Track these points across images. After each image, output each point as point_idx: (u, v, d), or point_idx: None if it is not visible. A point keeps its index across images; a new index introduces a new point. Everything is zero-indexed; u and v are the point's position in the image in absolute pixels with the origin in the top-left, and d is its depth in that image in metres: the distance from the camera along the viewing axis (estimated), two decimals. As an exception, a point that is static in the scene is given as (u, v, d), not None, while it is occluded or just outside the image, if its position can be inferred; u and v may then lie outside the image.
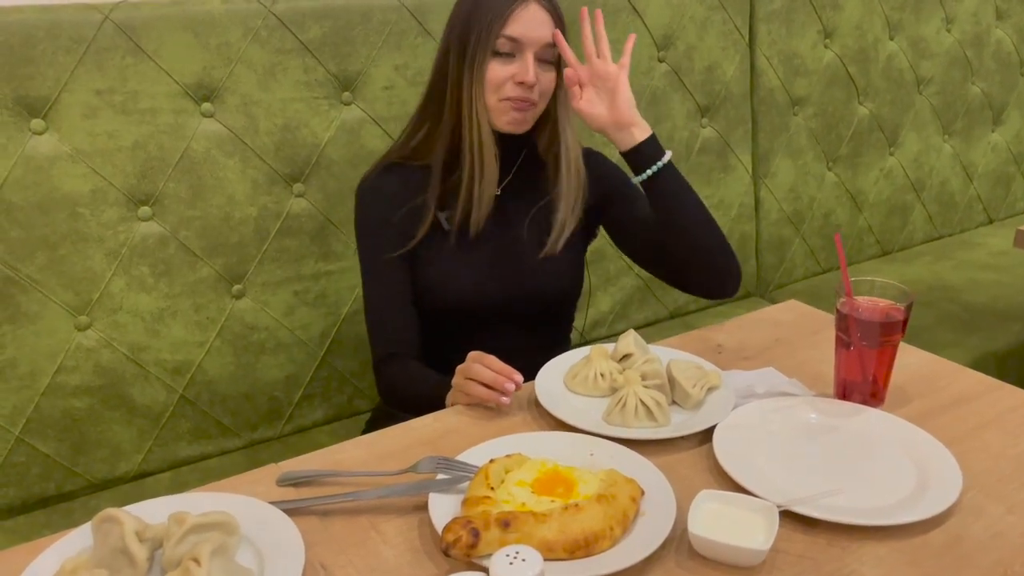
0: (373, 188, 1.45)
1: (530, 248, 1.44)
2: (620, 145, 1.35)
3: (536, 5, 1.33)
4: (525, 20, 1.32)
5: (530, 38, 1.33)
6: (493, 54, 1.33)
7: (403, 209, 1.42)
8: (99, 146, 1.47)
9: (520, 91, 1.34)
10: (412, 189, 1.42)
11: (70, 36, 1.42)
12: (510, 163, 1.45)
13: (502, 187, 1.45)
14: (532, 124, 1.41)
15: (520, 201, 1.46)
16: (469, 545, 0.84)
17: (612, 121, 1.32)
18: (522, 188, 1.46)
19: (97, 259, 1.49)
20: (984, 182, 2.86)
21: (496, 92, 1.35)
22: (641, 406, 1.11)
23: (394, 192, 1.43)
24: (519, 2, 1.32)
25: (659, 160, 1.33)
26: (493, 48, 1.33)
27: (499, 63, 1.34)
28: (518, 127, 1.38)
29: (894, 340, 1.12)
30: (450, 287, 1.42)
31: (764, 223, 2.35)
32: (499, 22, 1.31)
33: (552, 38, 1.34)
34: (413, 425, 1.15)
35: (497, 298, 1.43)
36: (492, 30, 1.32)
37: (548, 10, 1.35)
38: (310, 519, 0.95)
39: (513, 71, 1.33)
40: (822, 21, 2.31)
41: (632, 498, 0.93)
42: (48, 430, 1.50)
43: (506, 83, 1.34)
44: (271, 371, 1.70)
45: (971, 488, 0.98)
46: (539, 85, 1.35)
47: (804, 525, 0.93)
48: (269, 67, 1.59)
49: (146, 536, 0.85)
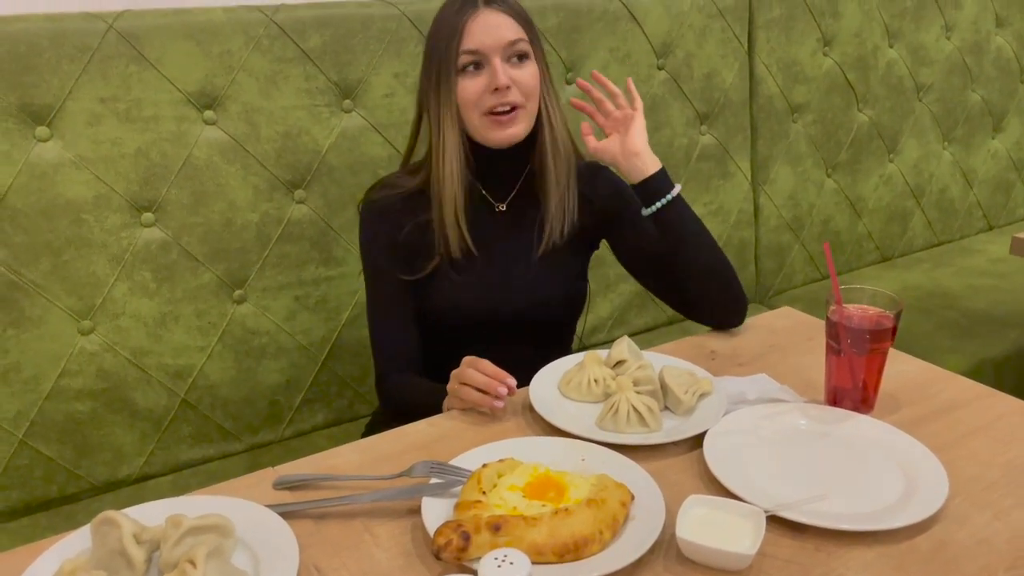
0: (376, 207, 1.42)
1: (535, 261, 1.43)
2: (630, 177, 1.37)
3: (488, 11, 1.31)
4: (480, 30, 1.29)
5: (490, 45, 1.30)
6: (459, 72, 1.31)
7: (407, 228, 1.40)
8: (103, 153, 1.49)
9: (497, 97, 1.30)
10: (415, 208, 1.40)
11: (74, 45, 1.45)
12: (515, 178, 1.43)
13: (507, 202, 1.44)
14: (529, 128, 1.36)
15: (526, 215, 1.43)
16: (460, 548, 0.86)
17: (623, 152, 1.36)
18: (527, 201, 1.43)
19: (100, 264, 1.51)
20: (984, 189, 2.86)
21: (476, 108, 1.32)
22: (633, 412, 1.12)
23: (398, 211, 1.40)
24: (468, 14, 1.30)
25: (668, 193, 1.35)
26: (456, 67, 1.30)
27: (467, 79, 1.31)
28: (512, 138, 1.34)
29: (883, 347, 1.13)
30: (455, 304, 1.41)
31: (763, 229, 2.36)
32: (455, 40, 1.29)
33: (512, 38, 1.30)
34: (408, 430, 1.17)
35: (501, 313, 1.42)
36: (451, 50, 1.30)
37: (503, 11, 1.32)
38: (305, 522, 0.97)
39: (484, 82, 1.30)
40: (821, 29, 2.32)
41: (622, 503, 0.94)
42: (51, 433, 1.52)
43: (482, 96, 1.31)
44: (272, 375, 1.72)
45: (958, 495, 0.99)
46: (517, 85, 1.31)
47: (792, 530, 0.94)
48: (270, 75, 1.61)
49: (144, 538, 0.87)
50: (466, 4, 1.31)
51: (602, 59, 1.97)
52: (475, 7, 1.30)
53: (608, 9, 1.96)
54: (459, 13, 1.30)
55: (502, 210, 1.44)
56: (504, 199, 1.44)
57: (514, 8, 1.34)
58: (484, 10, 1.30)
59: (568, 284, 1.50)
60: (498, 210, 1.44)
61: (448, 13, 1.33)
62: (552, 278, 1.44)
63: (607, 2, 1.96)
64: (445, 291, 1.40)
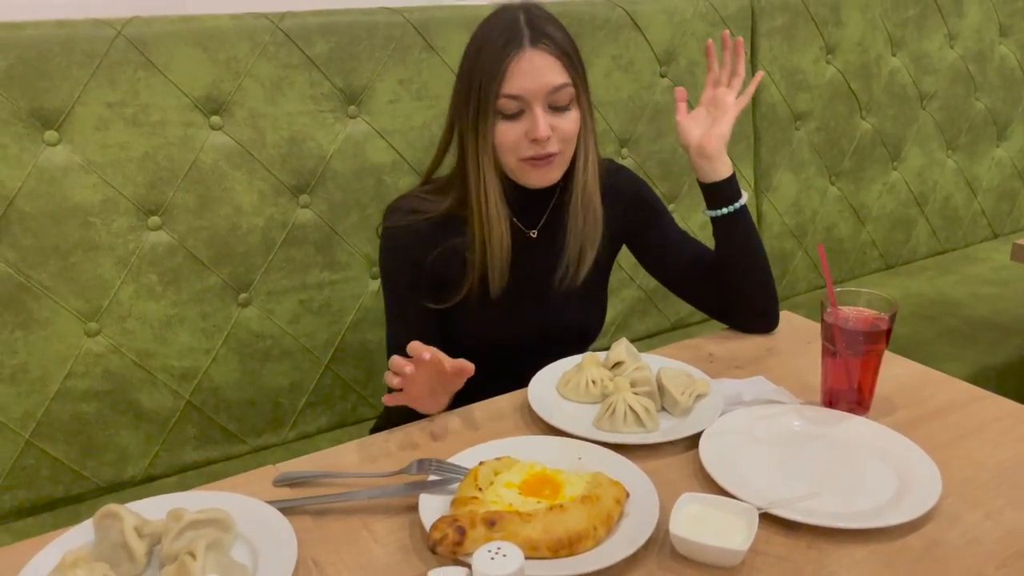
0: (401, 233, 1.36)
1: (568, 286, 1.41)
2: (701, 176, 1.37)
3: (533, 51, 1.23)
4: (524, 73, 1.22)
5: (533, 91, 1.23)
6: (497, 113, 1.25)
7: (433, 255, 1.35)
8: (110, 157, 1.51)
9: (536, 148, 1.25)
10: (443, 234, 1.35)
11: (84, 51, 1.47)
12: (544, 204, 1.40)
13: (539, 228, 1.41)
14: (563, 172, 1.33)
15: (555, 241, 1.40)
16: (455, 543, 0.87)
17: (700, 146, 1.36)
18: (558, 227, 1.39)
19: (107, 267, 1.53)
20: (988, 197, 2.87)
21: (513, 153, 1.27)
22: (630, 412, 1.13)
23: (424, 238, 1.35)
24: (513, 54, 1.22)
25: (736, 201, 1.36)
26: (496, 110, 1.24)
27: (507, 124, 1.25)
28: (546, 182, 1.31)
29: (878, 349, 1.14)
30: (482, 329, 1.40)
31: (766, 236, 2.37)
32: (496, 81, 1.22)
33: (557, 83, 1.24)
34: (407, 429, 1.18)
35: (528, 337, 1.41)
36: (491, 91, 1.22)
37: (549, 51, 1.24)
38: (304, 518, 0.98)
39: (524, 128, 1.24)
40: (824, 37, 2.33)
41: (617, 500, 0.95)
42: (57, 434, 1.54)
43: (520, 143, 1.26)
44: (276, 378, 1.73)
45: (950, 495, 1.00)
46: (557, 133, 1.26)
47: (785, 528, 0.95)
48: (276, 81, 1.63)
49: (145, 532, 0.88)
50: (512, 41, 1.23)
51: (605, 67, 1.99)
52: (520, 47, 1.22)
53: (611, 17, 1.98)
54: (504, 49, 1.23)
55: (533, 236, 1.41)
56: (535, 225, 1.41)
57: (561, 46, 1.25)
58: (530, 50, 1.22)
59: (598, 301, 1.51)
60: (531, 236, 1.41)
61: (492, 44, 1.24)
62: (584, 299, 1.43)
63: (610, 10, 1.98)
64: (479, 320, 1.38)
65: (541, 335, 1.41)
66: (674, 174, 2.16)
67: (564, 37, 1.27)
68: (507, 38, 1.23)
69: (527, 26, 1.24)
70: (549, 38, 1.24)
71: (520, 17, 1.26)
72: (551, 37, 1.25)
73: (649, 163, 2.11)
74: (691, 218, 2.21)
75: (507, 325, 1.40)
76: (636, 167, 2.08)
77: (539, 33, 1.24)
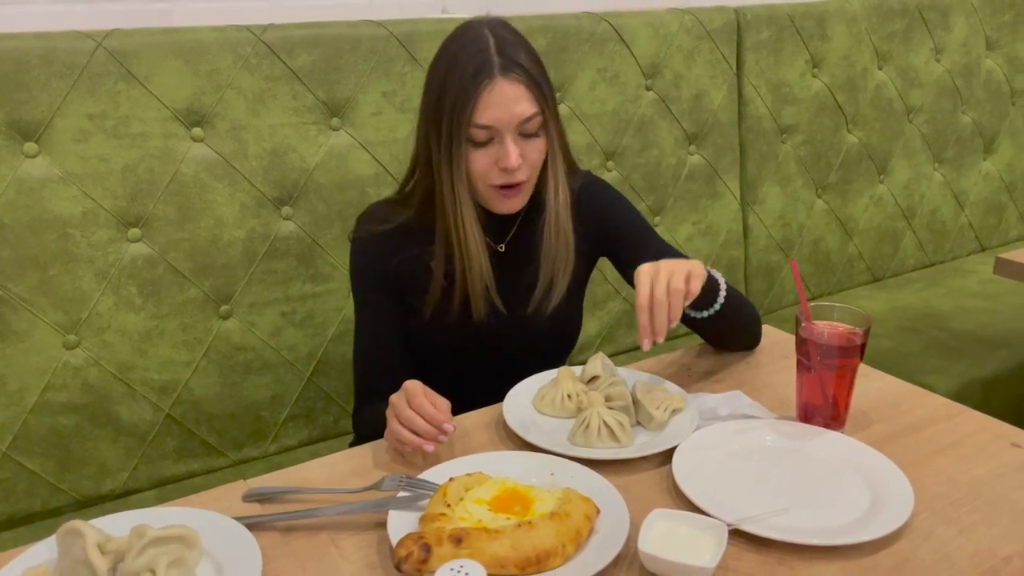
0: (366, 241, 1.39)
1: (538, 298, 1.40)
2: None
3: (504, 81, 1.22)
4: (495, 103, 1.22)
5: (505, 121, 1.23)
6: (468, 143, 1.25)
7: (395, 261, 1.37)
8: (90, 169, 1.51)
9: (506, 177, 1.27)
10: (405, 242, 1.37)
11: (64, 62, 1.47)
12: (512, 219, 1.40)
13: (506, 242, 1.41)
14: (528, 197, 1.34)
15: (525, 253, 1.40)
16: (421, 560, 0.86)
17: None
18: (527, 241, 1.39)
19: (86, 279, 1.53)
20: (976, 210, 2.87)
21: (482, 180, 1.28)
22: (604, 427, 1.13)
23: (387, 245, 1.37)
24: (484, 83, 1.21)
25: (716, 301, 1.28)
26: (467, 138, 1.24)
27: (477, 151, 1.26)
28: (513, 209, 1.32)
29: (853, 364, 1.14)
30: (451, 339, 1.39)
31: (753, 249, 2.37)
32: (467, 110, 1.22)
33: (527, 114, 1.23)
34: (379, 444, 1.18)
35: (500, 348, 1.40)
36: (463, 119, 1.22)
37: (520, 81, 1.23)
38: (272, 534, 0.98)
39: (494, 156, 1.25)
40: (810, 51, 2.34)
41: (587, 516, 0.95)
42: (35, 447, 1.53)
43: (490, 171, 1.26)
44: (257, 391, 1.73)
45: (923, 511, 1.00)
46: (526, 161, 1.27)
47: (755, 544, 0.94)
48: (259, 93, 1.63)
49: (108, 549, 0.87)
50: (482, 70, 1.22)
51: (590, 80, 1.99)
52: (491, 76, 1.21)
53: (596, 31, 1.98)
54: (474, 78, 1.21)
55: (502, 251, 1.41)
56: (503, 239, 1.41)
57: (530, 74, 1.24)
58: (500, 80, 1.22)
59: (571, 312, 1.49)
60: (499, 250, 1.41)
61: (462, 70, 1.23)
62: (555, 312, 1.41)
63: (595, 23, 1.98)
64: (452, 334, 1.38)
65: (516, 349, 1.41)
66: (659, 187, 2.16)
67: (533, 63, 1.26)
68: (476, 65, 1.22)
69: (497, 53, 1.23)
70: (519, 67, 1.23)
71: (490, 42, 1.24)
72: (521, 66, 1.24)
73: (634, 176, 2.11)
74: (677, 231, 2.21)
75: (481, 339, 1.39)
76: (621, 180, 2.08)
77: (509, 61, 1.23)
